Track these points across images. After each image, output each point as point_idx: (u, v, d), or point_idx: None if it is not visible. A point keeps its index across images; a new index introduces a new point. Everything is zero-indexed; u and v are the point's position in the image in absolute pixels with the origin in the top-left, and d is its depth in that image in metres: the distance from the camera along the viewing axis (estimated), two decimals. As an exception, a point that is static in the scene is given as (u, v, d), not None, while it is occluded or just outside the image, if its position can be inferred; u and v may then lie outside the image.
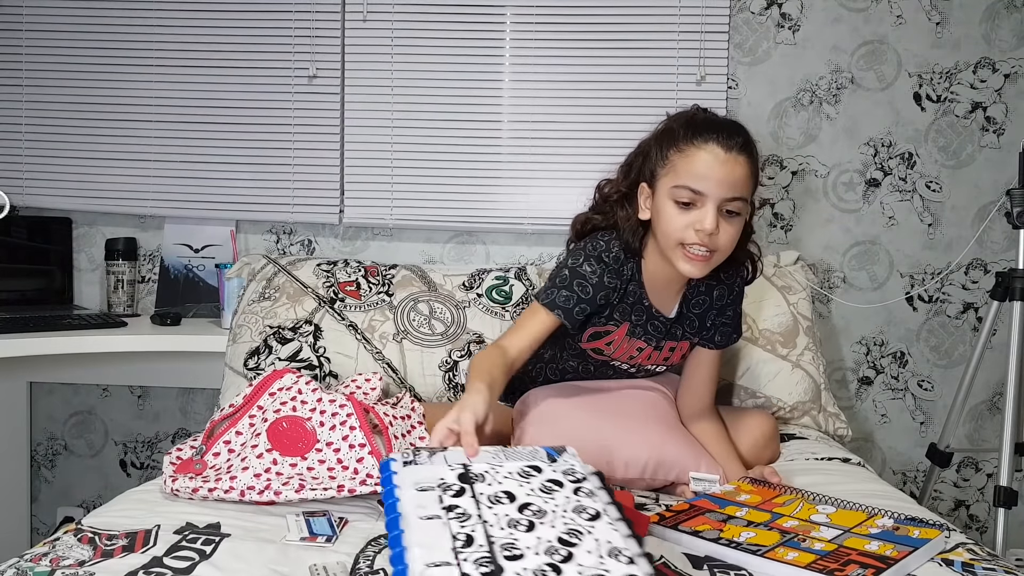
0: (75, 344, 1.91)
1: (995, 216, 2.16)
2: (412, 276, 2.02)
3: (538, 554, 0.87)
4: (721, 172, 1.32)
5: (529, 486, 1.01)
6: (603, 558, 0.88)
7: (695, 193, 1.33)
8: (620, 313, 1.48)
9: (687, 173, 1.33)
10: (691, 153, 1.34)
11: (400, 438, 1.42)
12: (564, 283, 1.42)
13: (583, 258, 1.43)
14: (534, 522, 0.94)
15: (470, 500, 0.97)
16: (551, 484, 1.02)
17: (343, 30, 2.22)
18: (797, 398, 1.87)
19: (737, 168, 1.33)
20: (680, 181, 1.34)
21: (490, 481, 1.01)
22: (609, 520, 0.95)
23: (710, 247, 1.33)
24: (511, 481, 1.02)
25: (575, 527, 0.93)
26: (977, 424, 2.27)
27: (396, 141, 2.23)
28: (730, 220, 1.34)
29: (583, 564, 0.87)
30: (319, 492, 1.26)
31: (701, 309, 1.52)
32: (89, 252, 2.33)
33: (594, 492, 1.01)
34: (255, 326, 1.90)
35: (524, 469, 1.05)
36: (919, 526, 1.19)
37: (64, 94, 2.26)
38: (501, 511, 0.95)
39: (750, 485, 1.38)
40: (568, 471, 1.06)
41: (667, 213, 1.36)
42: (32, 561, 1.06)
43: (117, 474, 2.39)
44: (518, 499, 0.98)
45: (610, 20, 2.18)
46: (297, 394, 1.42)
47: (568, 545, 0.90)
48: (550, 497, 0.99)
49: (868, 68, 2.21)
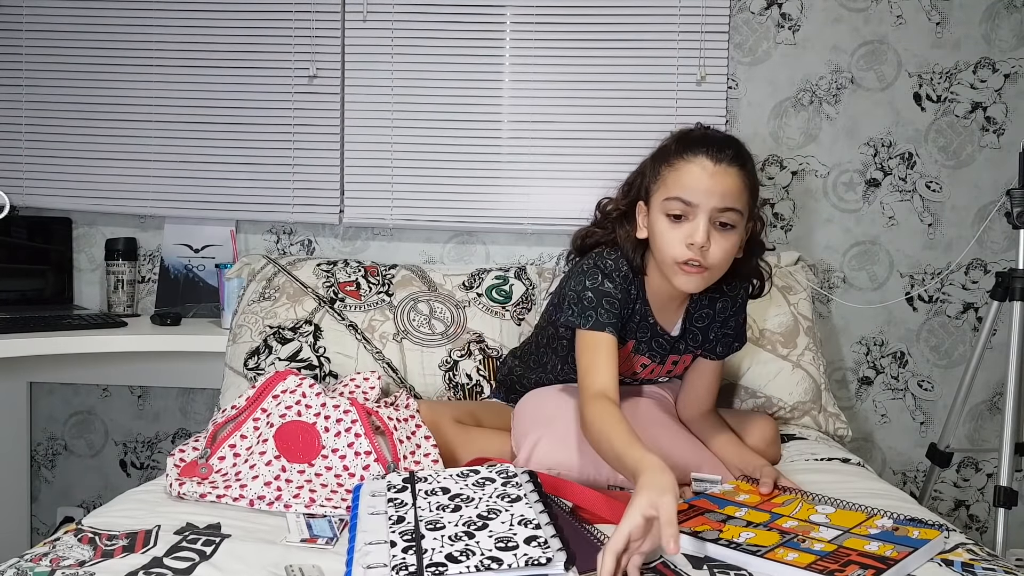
0: (75, 344, 1.91)
1: (995, 216, 2.16)
2: (412, 276, 2.02)
3: (456, 526, 1.03)
4: (710, 183, 1.31)
5: (465, 482, 1.16)
6: (513, 527, 1.03)
7: (685, 204, 1.32)
8: (627, 331, 1.48)
9: (676, 185, 1.34)
10: (680, 166, 1.35)
11: (405, 441, 1.42)
12: (593, 304, 1.40)
13: (601, 276, 1.42)
14: (460, 505, 1.08)
15: (408, 494, 1.13)
16: (484, 480, 1.17)
17: (343, 30, 2.22)
18: (797, 398, 1.87)
19: (727, 179, 1.32)
20: (670, 193, 1.34)
21: (431, 480, 1.16)
22: (528, 502, 1.09)
23: (703, 263, 1.32)
24: (449, 480, 1.16)
25: (495, 507, 1.08)
26: (977, 424, 2.27)
27: (396, 141, 2.23)
28: (724, 233, 1.33)
29: (494, 531, 1.01)
30: (328, 509, 1.27)
31: (704, 323, 1.52)
32: (89, 252, 2.33)
33: (521, 484, 1.16)
34: (255, 326, 1.90)
35: (463, 471, 1.19)
36: (919, 526, 1.19)
37: (64, 94, 2.26)
38: (434, 500, 1.11)
39: (749, 485, 1.38)
40: (501, 471, 1.20)
41: (660, 229, 1.36)
42: (32, 561, 1.06)
43: (117, 474, 2.39)
44: (451, 491, 1.13)
45: (610, 20, 2.18)
46: (301, 398, 1.42)
47: (485, 519, 1.05)
48: (481, 489, 1.14)
49: (868, 68, 2.21)
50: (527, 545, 0.99)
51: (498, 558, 0.96)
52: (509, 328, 1.95)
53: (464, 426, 1.57)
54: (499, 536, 1.01)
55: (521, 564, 0.95)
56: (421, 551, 0.96)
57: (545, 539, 1.01)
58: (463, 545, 0.98)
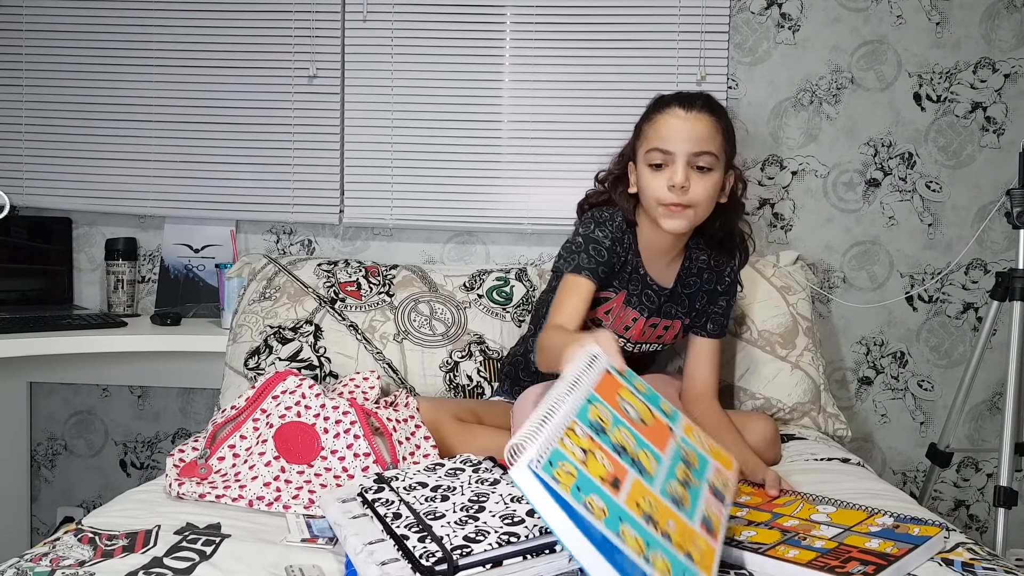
0: (75, 344, 1.91)
1: (995, 216, 2.16)
2: (413, 276, 2.02)
3: (455, 512, 1.05)
4: (684, 129, 1.45)
5: (436, 475, 1.18)
6: (508, 505, 1.06)
7: (664, 153, 1.46)
8: (619, 281, 1.57)
9: (655, 137, 1.48)
10: (657, 119, 1.49)
11: (404, 442, 1.42)
12: (580, 248, 1.52)
13: (594, 225, 1.54)
14: (447, 495, 1.10)
15: (390, 492, 1.13)
16: (454, 470, 1.20)
17: (343, 30, 2.22)
18: (796, 399, 1.87)
19: (699, 124, 1.45)
20: (651, 145, 1.48)
21: (403, 478, 1.17)
22: (507, 483, 1.12)
23: (686, 202, 1.44)
24: (421, 475, 1.18)
25: (481, 491, 1.11)
26: (977, 424, 2.27)
27: (396, 141, 2.23)
28: (702, 175, 1.46)
29: (494, 511, 1.04)
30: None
31: (692, 290, 1.63)
32: (89, 252, 2.33)
33: (491, 469, 1.19)
34: (255, 326, 1.90)
35: (428, 466, 1.22)
36: (919, 524, 1.19)
37: (64, 94, 2.26)
38: (418, 494, 1.12)
39: (750, 487, 1.38)
40: (466, 460, 1.23)
41: (645, 178, 1.49)
42: (32, 561, 1.06)
43: (117, 474, 2.39)
44: (429, 484, 1.15)
45: (610, 20, 2.18)
46: (301, 399, 1.42)
47: (479, 503, 1.07)
48: (456, 479, 1.16)
49: (868, 68, 2.21)
50: (531, 517, 1.02)
51: (514, 532, 0.98)
52: (510, 329, 1.95)
53: (464, 423, 1.57)
54: (501, 515, 1.03)
55: (535, 534, 0.98)
56: (438, 538, 0.98)
57: None
58: (473, 527, 1.00)
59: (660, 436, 1.05)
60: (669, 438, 1.07)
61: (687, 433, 1.14)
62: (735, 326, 1.91)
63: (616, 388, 1.07)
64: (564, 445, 0.88)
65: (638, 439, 1.01)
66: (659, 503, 0.94)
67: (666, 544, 0.89)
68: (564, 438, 0.89)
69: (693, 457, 1.09)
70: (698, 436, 1.18)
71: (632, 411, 1.05)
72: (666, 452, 1.04)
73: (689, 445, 1.12)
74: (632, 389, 1.11)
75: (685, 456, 1.08)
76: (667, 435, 1.07)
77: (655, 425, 1.06)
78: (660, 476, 0.99)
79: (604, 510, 0.85)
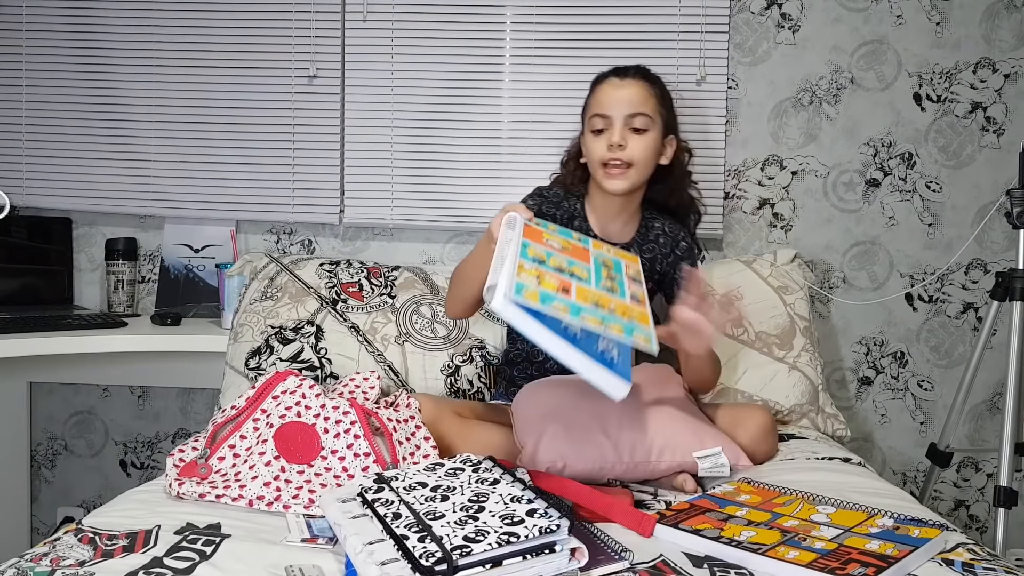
0: (75, 344, 1.91)
1: (995, 216, 2.16)
2: (415, 278, 2.02)
3: (455, 512, 1.07)
4: (618, 94, 1.62)
5: (436, 475, 1.20)
6: (508, 505, 1.08)
7: (603, 118, 1.62)
8: None
9: (595, 104, 1.65)
10: (596, 91, 1.67)
11: (404, 443, 1.42)
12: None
13: (528, 196, 1.73)
14: (447, 495, 1.12)
15: (390, 492, 1.15)
16: (454, 470, 1.22)
17: (343, 30, 2.22)
18: (794, 401, 1.86)
19: (632, 89, 1.63)
20: (591, 112, 1.65)
21: (403, 478, 1.19)
22: (507, 483, 1.15)
23: (624, 159, 1.59)
24: (421, 475, 1.20)
25: (481, 491, 1.13)
26: (977, 424, 2.27)
27: (396, 141, 2.23)
28: (638, 135, 1.61)
29: (494, 511, 1.06)
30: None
31: (651, 254, 1.72)
32: (89, 252, 2.33)
33: (491, 469, 1.21)
34: (257, 325, 1.90)
35: (428, 466, 1.24)
36: (919, 525, 1.19)
37: (64, 94, 2.26)
38: (418, 494, 1.13)
39: (750, 486, 1.38)
40: (465, 460, 1.26)
41: (588, 143, 1.65)
42: (32, 561, 1.06)
43: (117, 474, 2.39)
44: (429, 484, 1.16)
45: (610, 20, 2.18)
46: (301, 399, 1.42)
47: (479, 503, 1.09)
48: (456, 478, 1.18)
49: (868, 68, 2.21)
50: (531, 517, 1.03)
51: (513, 532, 1.00)
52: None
53: (464, 419, 1.58)
54: (501, 515, 1.05)
55: (535, 534, 1.00)
56: (437, 539, 0.99)
57: (543, 510, 1.05)
58: (473, 527, 1.01)
59: (581, 254, 1.38)
60: (588, 254, 1.40)
61: (596, 247, 1.45)
62: (732, 329, 1.91)
63: (539, 233, 1.36)
64: (521, 278, 1.15)
65: (568, 260, 1.31)
66: (600, 295, 1.25)
67: (615, 316, 1.21)
68: (520, 273, 1.16)
69: (609, 262, 1.42)
70: (605, 247, 1.49)
71: (555, 244, 1.36)
72: (590, 263, 1.36)
73: (603, 255, 1.43)
74: (548, 231, 1.40)
75: (603, 262, 1.40)
76: (586, 253, 1.40)
77: (574, 248, 1.39)
78: (592, 279, 1.30)
79: (565, 308, 1.14)
